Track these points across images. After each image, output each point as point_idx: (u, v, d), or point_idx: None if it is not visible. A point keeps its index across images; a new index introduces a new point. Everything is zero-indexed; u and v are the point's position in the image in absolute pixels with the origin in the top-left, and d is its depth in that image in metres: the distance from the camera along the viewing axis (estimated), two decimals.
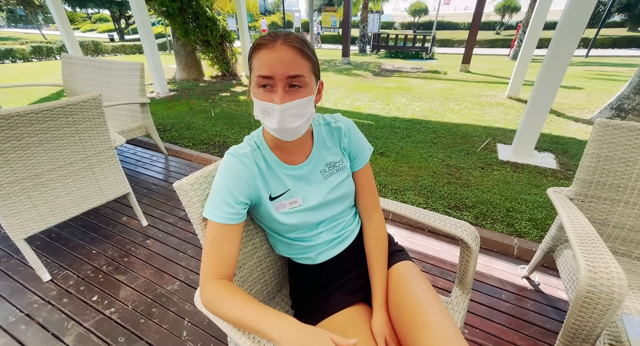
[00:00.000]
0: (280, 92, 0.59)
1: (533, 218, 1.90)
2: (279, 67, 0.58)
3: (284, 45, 0.58)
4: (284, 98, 0.60)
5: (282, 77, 0.59)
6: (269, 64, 0.58)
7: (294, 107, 0.61)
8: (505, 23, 23.22)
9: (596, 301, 0.72)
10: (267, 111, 0.62)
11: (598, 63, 9.91)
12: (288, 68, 0.58)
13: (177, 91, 5.52)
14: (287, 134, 0.64)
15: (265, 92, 0.61)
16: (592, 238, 0.83)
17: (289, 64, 0.58)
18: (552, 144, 3.06)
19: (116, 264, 1.55)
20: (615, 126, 1.04)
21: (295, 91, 0.61)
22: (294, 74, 0.59)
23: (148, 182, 2.36)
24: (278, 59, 0.58)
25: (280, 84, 0.59)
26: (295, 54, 0.59)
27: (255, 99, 0.63)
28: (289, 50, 0.58)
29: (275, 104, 0.60)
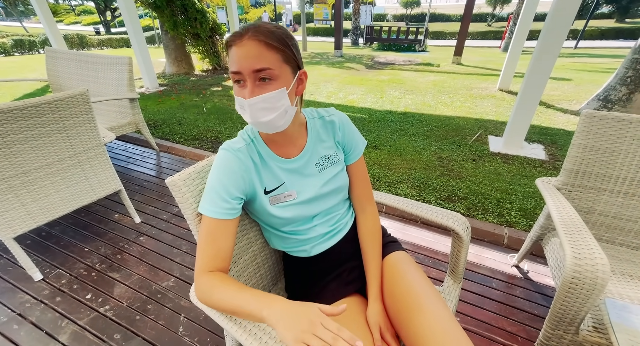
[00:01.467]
0: (250, 87, 0.60)
1: (523, 208, 1.95)
2: (245, 63, 0.58)
3: (249, 40, 0.58)
4: (252, 92, 0.60)
5: (249, 72, 0.59)
6: (237, 60, 0.59)
7: (263, 100, 0.61)
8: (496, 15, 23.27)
9: (581, 286, 0.75)
10: (241, 106, 0.63)
11: (586, 54, 10.05)
12: (253, 63, 0.58)
13: (167, 85, 5.42)
14: (264, 127, 0.65)
15: (239, 87, 0.62)
16: (577, 226, 0.86)
17: (255, 59, 0.58)
18: (541, 136, 3.11)
19: (109, 262, 1.54)
20: (601, 117, 1.06)
21: (265, 84, 0.61)
22: (259, 67, 0.58)
23: (140, 179, 2.33)
24: (244, 54, 0.58)
25: (249, 79, 0.60)
26: (261, 48, 0.58)
27: (235, 95, 0.64)
28: (255, 45, 0.58)
29: (244, 98, 0.61)
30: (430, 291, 0.70)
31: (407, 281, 0.74)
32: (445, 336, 0.60)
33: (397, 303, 0.72)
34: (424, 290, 0.70)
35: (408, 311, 0.68)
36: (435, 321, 0.63)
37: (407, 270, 0.77)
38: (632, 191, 1.09)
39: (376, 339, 0.68)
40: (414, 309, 0.67)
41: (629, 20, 19.36)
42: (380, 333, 0.70)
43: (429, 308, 0.66)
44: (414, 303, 0.68)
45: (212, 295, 0.60)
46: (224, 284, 0.60)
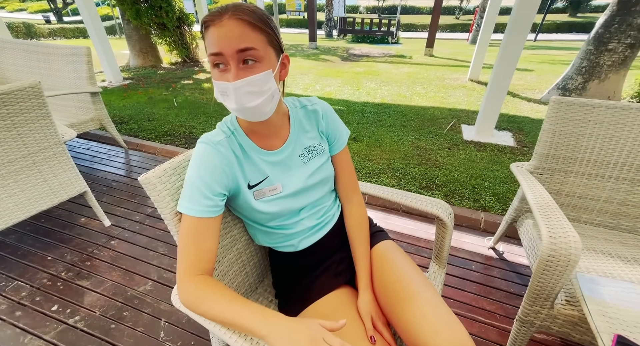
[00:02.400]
0: (234, 70, 0.55)
1: (496, 193, 2.04)
2: (227, 43, 0.53)
3: (231, 19, 0.54)
4: (237, 75, 0.56)
5: (232, 52, 0.54)
6: (217, 40, 0.54)
7: (249, 84, 0.57)
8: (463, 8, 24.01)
9: (556, 263, 0.79)
10: (224, 92, 0.58)
11: (545, 47, 10.66)
12: (237, 42, 0.54)
13: (133, 79, 5.08)
14: (249, 114, 0.61)
15: (219, 72, 0.57)
16: (551, 208, 0.90)
17: (238, 38, 0.54)
18: (509, 124, 3.27)
19: (77, 270, 1.43)
20: (568, 103, 1.12)
21: (249, 67, 0.56)
22: (244, 47, 0.54)
23: (107, 179, 2.17)
24: (225, 34, 0.53)
25: (232, 61, 0.55)
26: (244, 27, 0.54)
27: (214, 81, 0.59)
28: (237, 23, 0.54)
29: (229, 82, 0.56)
30: (420, 279, 0.71)
31: (396, 270, 0.74)
32: (438, 321, 0.61)
33: (388, 291, 0.72)
34: (414, 278, 0.70)
35: (399, 299, 0.68)
36: (428, 307, 0.64)
37: (395, 259, 0.77)
38: (595, 172, 1.16)
39: (368, 329, 0.68)
40: (406, 297, 0.67)
41: (580, 14, 20.76)
42: (372, 322, 0.70)
43: (420, 295, 0.67)
44: (405, 290, 0.69)
45: (200, 304, 0.56)
46: (213, 294, 0.56)
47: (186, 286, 0.58)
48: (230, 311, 0.53)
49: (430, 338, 0.59)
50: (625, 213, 1.16)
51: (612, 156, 1.13)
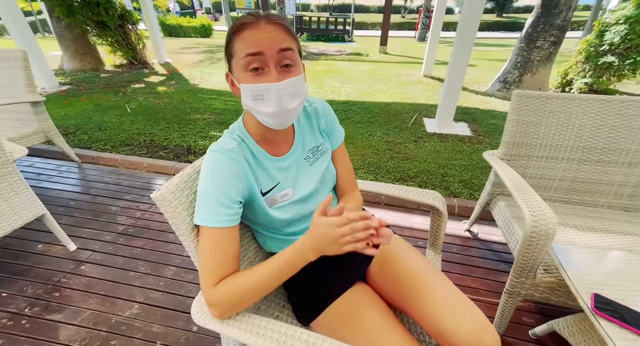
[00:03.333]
0: (274, 72, 0.56)
1: (462, 180, 2.23)
2: (268, 43, 0.54)
3: (269, 24, 0.55)
4: (279, 77, 0.56)
5: (273, 52, 0.55)
6: (256, 41, 0.54)
7: (291, 85, 0.57)
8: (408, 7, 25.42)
9: (537, 238, 0.90)
10: (260, 95, 0.57)
11: (481, 44, 11.75)
12: (278, 43, 0.55)
13: (72, 84, 4.55)
14: (285, 117, 0.60)
15: (255, 75, 0.56)
16: (527, 190, 1.02)
17: (279, 39, 0.55)
18: (464, 115, 3.57)
19: (44, 303, 1.26)
20: (527, 95, 1.27)
21: (287, 70, 0.58)
22: (285, 46, 0.55)
23: (63, 198, 1.93)
24: (266, 35, 0.54)
25: (271, 62, 0.55)
26: (283, 32, 0.56)
27: (245, 85, 0.57)
28: (276, 27, 0.55)
29: (271, 83, 0.56)
30: (432, 269, 0.76)
31: (409, 262, 0.78)
32: (457, 306, 0.66)
33: (404, 283, 0.75)
34: (428, 267, 0.75)
35: (417, 289, 0.72)
36: (444, 294, 0.69)
37: (405, 252, 0.81)
38: (551, 154, 1.34)
39: None
40: (422, 286, 0.72)
41: (506, 15, 23.26)
42: None
43: (435, 283, 0.71)
44: (420, 280, 0.73)
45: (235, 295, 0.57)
46: (242, 275, 0.59)
47: (215, 295, 0.57)
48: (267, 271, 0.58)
49: (451, 323, 0.64)
50: (575, 188, 1.35)
51: (563, 140, 1.31)
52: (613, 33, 3.86)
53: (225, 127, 0.72)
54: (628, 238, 1.14)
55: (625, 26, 3.74)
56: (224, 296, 0.57)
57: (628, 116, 1.23)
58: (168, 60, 6.40)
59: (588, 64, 4.17)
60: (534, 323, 1.21)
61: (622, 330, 0.67)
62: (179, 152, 2.56)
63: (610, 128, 1.26)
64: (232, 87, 0.62)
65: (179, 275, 1.40)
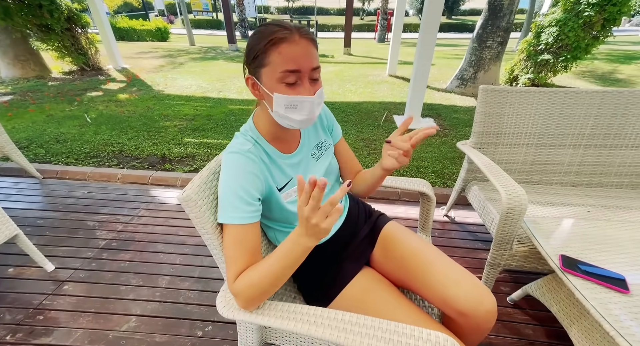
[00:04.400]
0: (307, 85, 0.62)
1: (435, 170, 2.40)
2: (304, 61, 0.59)
3: (302, 39, 0.60)
4: (313, 90, 0.63)
5: (308, 69, 0.61)
6: (294, 58, 0.59)
7: (319, 96, 0.64)
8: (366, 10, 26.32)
9: (513, 213, 1.04)
10: (294, 105, 0.62)
11: (438, 44, 12.56)
12: (313, 61, 0.61)
13: (15, 93, 4.12)
14: (312, 121, 0.67)
15: (289, 87, 0.61)
16: (500, 173, 1.16)
17: (312, 57, 0.61)
18: (429, 111, 3.82)
19: (28, 328, 1.17)
20: (492, 90, 1.43)
21: (315, 82, 0.64)
22: (317, 65, 0.62)
23: (28, 217, 1.77)
24: (302, 53, 0.59)
25: (305, 77, 0.61)
26: (313, 47, 0.62)
27: (279, 95, 0.61)
28: (308, 43, 0.60)
29: (309, 96, 0.62)
30: (432, 248, 0.84)
31: (410, 244, 0.86)
32: (458, 275, 0.75)
33: (408, 264, 0.83)
34: (429, 247, 0.84)
35: (421, 266, 0.80)
36: (446, 267, 0.77)
37: (406, 236, 0.89)
38: (514, 141, 1.51)
39: None
40: (426, 263, 0.80)
41: (455, 17, 25.07)
42: None
43: (436, 259, 0.80)
44: (423, 259, 0.81)
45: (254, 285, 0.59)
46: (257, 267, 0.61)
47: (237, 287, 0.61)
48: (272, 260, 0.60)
49: (455, 289, 0.73)
50: (534, 170, 1.55)
51: (522, 128, 1.49)
52: (547, 34, 4.38)
53: (199, 133, 0.75)
54: (579, 208, 1.33)
55: (556, 28, 4.26)
56: (245, 288, 0.60)
57: (571, 105, 1.44)
58: (125, 65, 6.02)
59: (529, 62, 4.68)
60: (510, 290, 1.37)
61: (586, 282, 0.81)
62: (153, 161, 2.46)
63: (558, 116, 1.46)
64: (254, 91, 0.66)
65: (174, 283, 1.37)
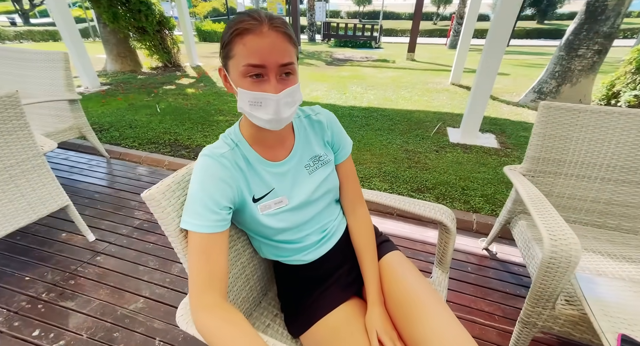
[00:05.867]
0: (274, 82, 0.55)
1: (484, 194, 2.10)
2: (271, 56, 0.53)
3: (272, 31, 0.53)
4: (279, 88, 0.55)
5: (275, 65, 0.54)
6: (258, 51, 0.52)
7: (288, 95, 0.57)
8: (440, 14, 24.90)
9: (557, 265, 0.81)
10: (258, 102, 0.56)
11: (517, 52, 11.19)
12: (280, 56, 0.54)
13: (111, 84, 4.88)
14: (280, 123, 0.60)
15: (254, 82, 0.55)
16: (548, 210, 0.93)
17: (281, 52, 0.54)
18: (491, 126, 3.39)
19: (60, 290, 1.33)
20: (556, 107, 1.17)
21: (286, 79, 0.57)
22: (287, 61, 0.55)
23: (89, 190, 2.06)
24: (269, 46, 0.52)
25: (271, 73, 0.55)
26: (284, 40, 0.54)
27: (242, 90, 0.56)
28: (279, 36, 0.53)
29: (271, 93, 0.55)
30: (427, 291, 0.70)
31: (405, 283, 0.73)
32: (447, 333, 0.60)
33: (397, 305, 0.70)
34: (426, 291, 0.69)
35: (409, 312, 0.67)
36: (437, 322, 0.63)
37: (404, 270, 0.76)
38: (582, 173, 1.21)
39: (372, 345, 0.65)
40: (416, 308, 0.67)
41: (547, 22, 22.03)
42: (378, 337, 0.66)
43: (429, 308, 0.65)
44: (413, 301, 0.68)
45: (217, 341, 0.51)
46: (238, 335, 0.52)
47: (202, 312, 0.54)
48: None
49: None
50: (611, 211, 1.22)
51: (597, 158, 1.18)
52: None
53: None
54: None
55: None
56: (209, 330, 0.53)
57: None
58: (199, 63, 6.71)
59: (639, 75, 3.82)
60: None
61: None
62: (199, 152, 2.65)
63: None
64: (225, 83, 0.61)
65: (184, 273, 1.43)
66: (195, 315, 0.55)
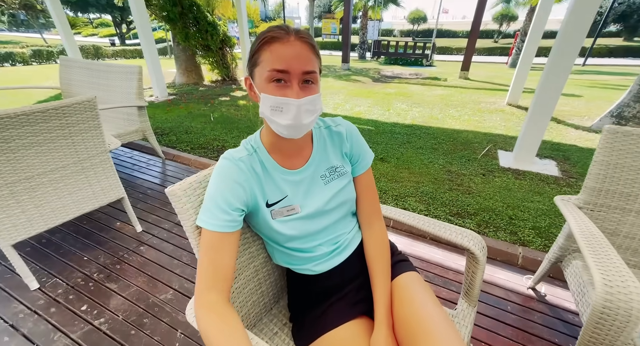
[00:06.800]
0: (297, 88, 0.58)
1: (537, 226, 1.86)
2: (295, 62, 0.56)
3: (297, 40, 0.57)
4: (300, 93, 0.58)
5: (298, 72, 0.57)
6: (284, 58, 0.56)
7: (309, 102, 0.59)
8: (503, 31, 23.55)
9: (613, 317, 0.68)
10: (279, 107, 0.59)
11: (595, 71, 10.00)
12: (304, 64, 0.57)
13: (177, 95, 5.51)
14: (299, 130, 0.61)
15: (277, 87, 0.58)
16: (605, 250, 0.79)
17: (305, 60, 0.57)
18: (553, 151, 3.03)
19: (108, 272, 1.50)
20: (625, 133, 1.01)
21: (308, 86, 0.59)
22: (310, 69, 0.58)
23: (144, 186, 2.31)
24: (294, 53, 0.56)
25: (295, 80, 0.57)
26: (309, 50, 0.58)
27: (265, 95, 0.59)
28: (304, 46, 0.57)
29: (292, 98, 0.57)
30: (438, 317, 0.64)
31: (415, 307, 0.68)
32: None
33: (405, 330, 0.66)
34: (431, 316, 0.64)
35: (414, 338, 0.62)
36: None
37: (416, 295, 0.71)
38: None
39: None
40: (421, 336, 0.61)
41: (637, 39, 19.37)
42: None
43: (437, 335, 0.60)
44: (420, 328, 0.63)
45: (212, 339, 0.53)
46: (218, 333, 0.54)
47: (199, 310, 0.57)
48: None
49: None
50: None
51: None
52: None
53: None
54: None
55: None
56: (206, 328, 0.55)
57: None
58: None
59: None
60: None
61: None
62: None
63: None
64: (250, 92, 0.65)
65: None
66: (196, 311, 0.57)
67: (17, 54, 10.19)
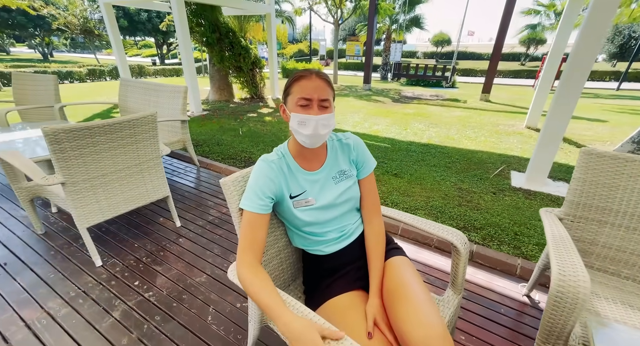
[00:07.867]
0: (316, 109, 0.84)
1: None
2: (316, 92, 0.83)
3: (318, 78, 0.84)
4: (318, 112, 0.84)
5: (318, 98, 0.83)
6: (308, 89, 0.83)
7: (324, 118, 0.84)
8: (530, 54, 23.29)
9: (565, 300, 0.84)
10: (304, 122, 0.84)
11: (629, 97, 9.69)
12: (321, 93, 0.83)
13: (210, 110, 6.04)
14: (316, 139, 0.86)
15: (303, 108, 0.84)
16: (568, 250, 0.95)
17: (322, 91, 0.83)
18: (568, 174, 3.08)
19: (154, 257, 1.78)
20: (598, 155, 1.17)
21: (324, 109, 0.85)
22: (325, 97, 0.84)
23: (182, 189, 2.64)
24: (315, 86, 0.83)
25: (315, 104, 0.83)
26: (325, 85, 0.84)
27: (294, 114, 0.85)
28: (322, 82, 0.84)
29: (313, 115, 0.83)
30: (418, 286, 0.84)
31: (401, 278, 0.88)
32: (422, 317, 0.74)
33: (390, 295, 0.86)
34: (417, 285, 0.84)
35: (397, 300, 0.82)
36: (416, 306, 0.77)
37: (404, 269, 0.91)
38: (634, 225, 1.15)
39: (369, 326, 0.81)
40: (402, 298, 0.82)
41: None
42: (375, 322, 0.82)
43: (414, 297, 0.80)
44: (402, 293, 0.83)
45: (248, 286, 0.76)
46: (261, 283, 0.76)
47: (242, 267, 0.80)
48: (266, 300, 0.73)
49: (412, 330, 0.74)
50: None
51: None
52: None
53: None
54: None
55: None
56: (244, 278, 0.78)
57: None
58: (279, 96, 7.75)
59: None
60: None
61: None
62: None
63: None
64: (283, 115, 0.92)
65: None
66: (237, 268, 0.81)
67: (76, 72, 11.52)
